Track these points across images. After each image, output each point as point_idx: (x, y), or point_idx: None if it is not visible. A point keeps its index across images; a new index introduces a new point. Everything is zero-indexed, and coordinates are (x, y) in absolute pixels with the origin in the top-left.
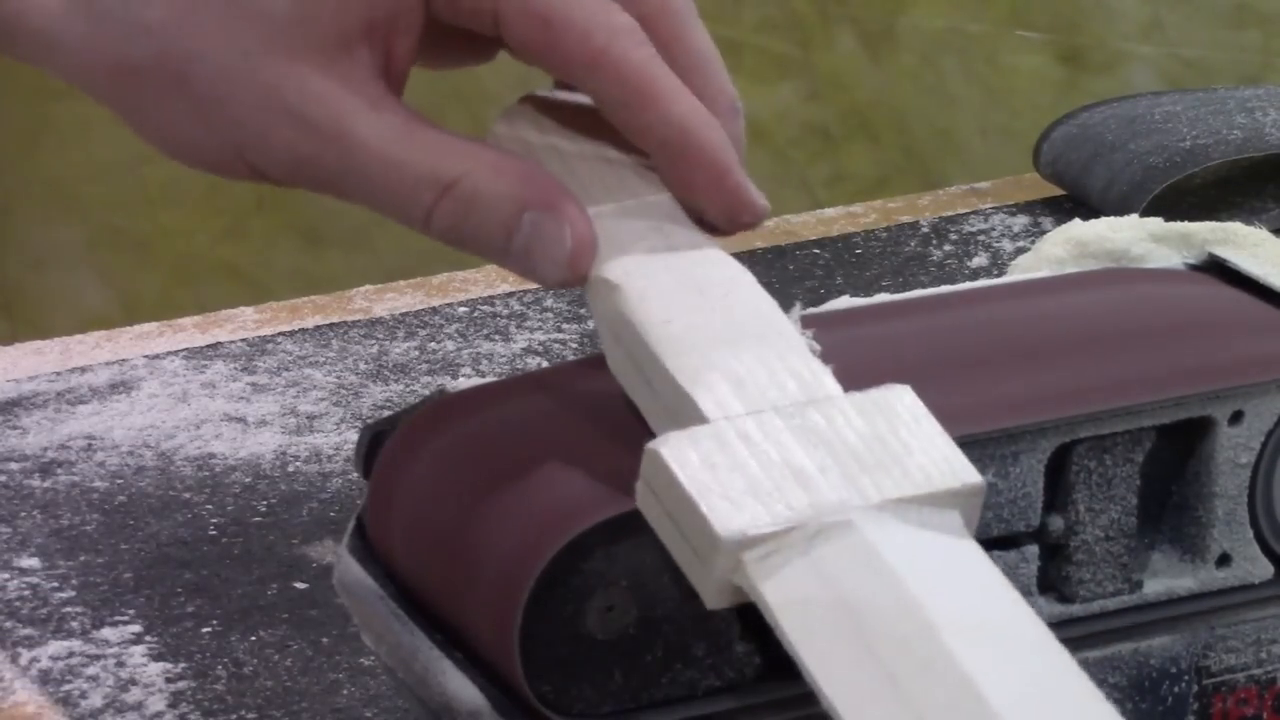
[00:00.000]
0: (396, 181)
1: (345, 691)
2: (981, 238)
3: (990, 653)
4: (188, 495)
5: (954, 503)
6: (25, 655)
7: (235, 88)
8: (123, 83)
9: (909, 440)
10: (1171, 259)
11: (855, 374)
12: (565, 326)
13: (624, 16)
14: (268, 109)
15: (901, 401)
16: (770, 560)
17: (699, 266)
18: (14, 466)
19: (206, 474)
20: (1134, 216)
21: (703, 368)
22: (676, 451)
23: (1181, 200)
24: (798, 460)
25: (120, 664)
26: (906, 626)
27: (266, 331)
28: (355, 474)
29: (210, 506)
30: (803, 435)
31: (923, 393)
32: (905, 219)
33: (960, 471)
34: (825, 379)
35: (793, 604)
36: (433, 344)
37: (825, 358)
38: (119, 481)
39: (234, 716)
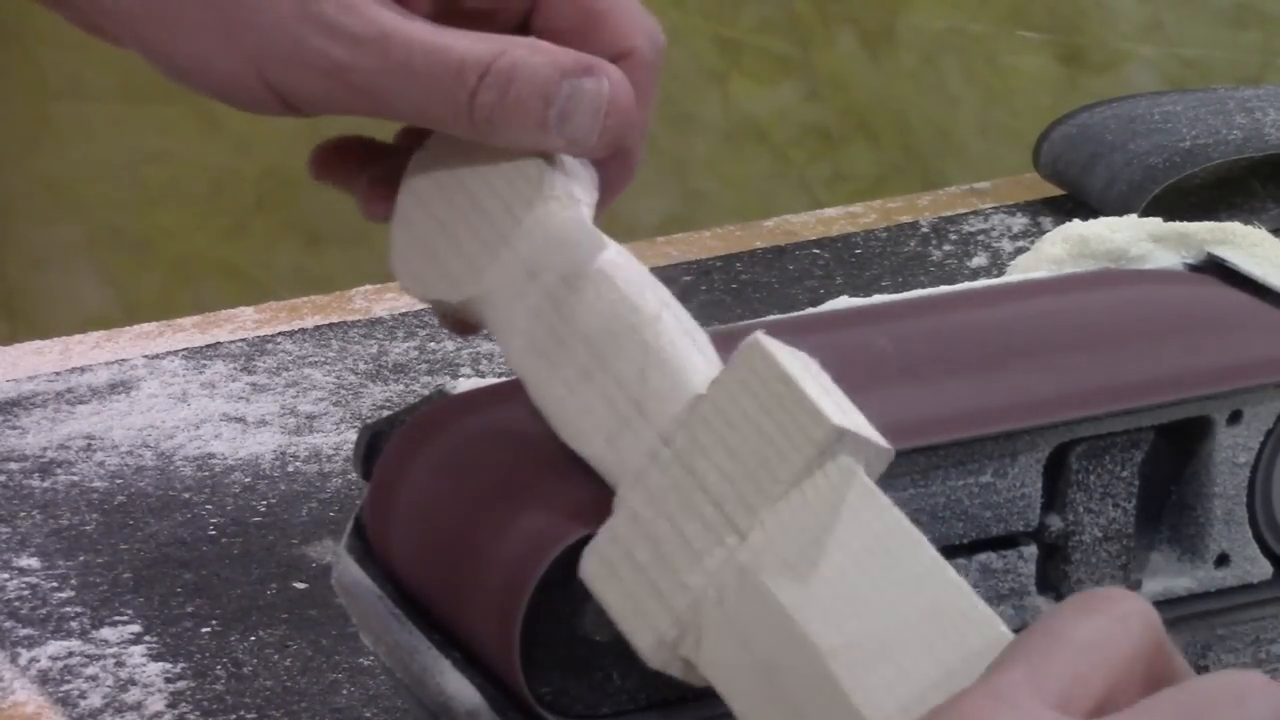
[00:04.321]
0: (440, 70)
1: (345, 691)
2: (981, 238)
3: None
4: (187, 495)
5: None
6: (25, 655)
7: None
8: None
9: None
10: (1170, 259)
11: (854, 374)
12: None
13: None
14: (302, 17)
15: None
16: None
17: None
18: (14, 466)
19: (206, 474)
20: (1133, 216)
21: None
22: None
23: (1181, 200)
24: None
25: (120, 664)
26: None
27: (266, 331)
28: (355, 474)
29: (210, 506)
30: None
31: (921, 393)
32: (905, 219)
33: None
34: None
35: None
36: (432, 344)
37: (823, 358)
38: (118, 481)
39: (233, 716)
